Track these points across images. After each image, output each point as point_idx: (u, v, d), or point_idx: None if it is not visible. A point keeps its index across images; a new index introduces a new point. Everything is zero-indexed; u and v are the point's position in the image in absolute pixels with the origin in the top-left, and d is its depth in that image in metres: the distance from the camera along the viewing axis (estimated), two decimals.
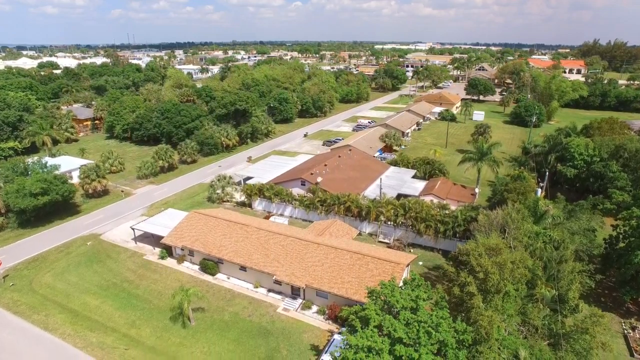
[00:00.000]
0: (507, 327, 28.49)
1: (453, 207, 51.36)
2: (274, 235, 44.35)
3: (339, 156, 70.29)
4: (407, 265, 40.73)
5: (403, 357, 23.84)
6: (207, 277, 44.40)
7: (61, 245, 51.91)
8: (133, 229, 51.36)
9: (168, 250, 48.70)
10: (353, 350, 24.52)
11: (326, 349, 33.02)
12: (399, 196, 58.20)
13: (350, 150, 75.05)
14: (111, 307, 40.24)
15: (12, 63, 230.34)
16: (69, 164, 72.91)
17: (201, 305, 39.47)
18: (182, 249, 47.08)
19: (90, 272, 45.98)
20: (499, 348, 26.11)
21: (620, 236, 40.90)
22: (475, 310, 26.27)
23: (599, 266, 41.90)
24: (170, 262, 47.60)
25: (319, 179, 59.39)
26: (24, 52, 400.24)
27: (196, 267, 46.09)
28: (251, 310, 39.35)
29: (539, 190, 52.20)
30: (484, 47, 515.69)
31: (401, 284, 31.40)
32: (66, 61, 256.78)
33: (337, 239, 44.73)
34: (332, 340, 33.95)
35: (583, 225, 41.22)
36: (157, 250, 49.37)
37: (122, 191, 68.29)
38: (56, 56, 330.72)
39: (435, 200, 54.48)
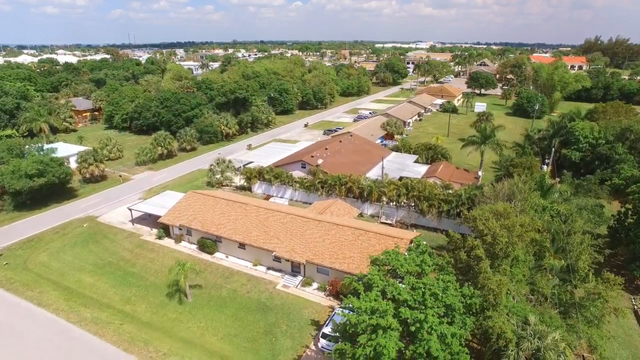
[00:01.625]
0: (516, 296, 27.45)
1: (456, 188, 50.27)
2: (274, 213, 43.30)
3: (340, 141, 69.29)
4: (411, 242, 39.63)
5: (408, 320, 22.76)
6: (205, 256, 43.37)
7: (57, 226, 50.95)
8: (130, 210, 50.41)
9: (166, 230, 47.68)
10: (356, 313, 23.46)
11: (327, 322, 31.99)
12: (401, 179, 57.05)
13: (351, 136, 74.01)
14: (106, 284, 39.29)
15: (12, 59, 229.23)
16: (66, 151, 71.90)
17: (198, 282, 38.52)
18: (179, 228, 46.03)
19: (86, 252, 45.01)
20: (507, 314, 25.06)
21: (629, 212, 39.85)
22: (483, 275, 25.21)
23: (606, 246, 40.79)
24: (167, 241, 46.61)
25: (320, 161, 58.35)
26: (25, 51, 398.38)
27: (194, 247, 45.10)
28: (250, 287, 38.33)
29: (545, 166, 51.10)
30: (484, 46, 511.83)
31: (406, 254, 30.36)
32: (66, 58, 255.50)
33: (338, 217, 43.67)
34: (333, 314, 32.91)
35: (591, 201, 40.18)
36: (155, 230, 48.36)
37: (120, 176, 67.32)
38: (56, 54, 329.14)
39: (439, 182, 53.41)
